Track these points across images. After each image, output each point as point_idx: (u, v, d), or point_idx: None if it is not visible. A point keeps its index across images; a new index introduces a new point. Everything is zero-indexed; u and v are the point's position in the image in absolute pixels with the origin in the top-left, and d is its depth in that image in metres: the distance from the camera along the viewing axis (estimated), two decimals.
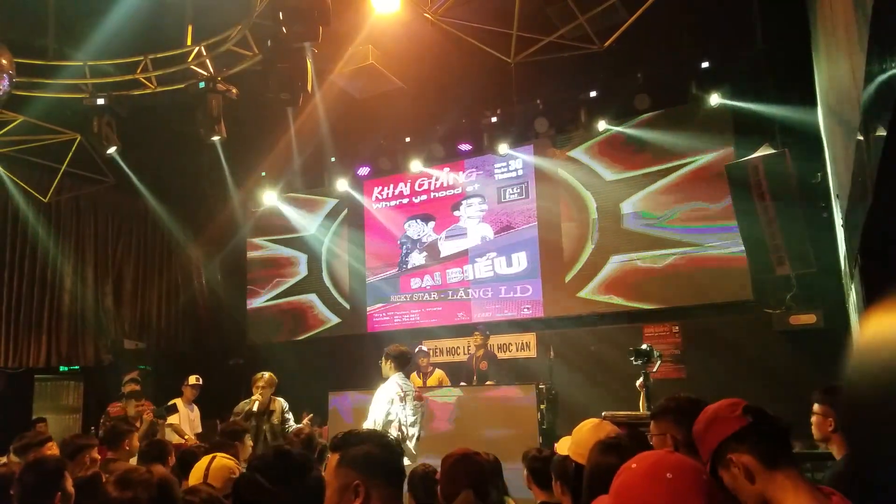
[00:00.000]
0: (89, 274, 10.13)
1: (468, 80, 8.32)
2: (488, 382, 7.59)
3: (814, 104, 5.98)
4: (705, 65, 7.68)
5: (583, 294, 8.66)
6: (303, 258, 10.96)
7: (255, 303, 11.28)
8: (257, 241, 11.34)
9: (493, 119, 8.65)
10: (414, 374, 8.12)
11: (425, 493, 3.39)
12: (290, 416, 6.14)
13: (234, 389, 10.51)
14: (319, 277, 10.77)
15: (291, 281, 10.99)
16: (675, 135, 8.10)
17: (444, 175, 9.91)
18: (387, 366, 5.37)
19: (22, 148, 8.43)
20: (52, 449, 4.38)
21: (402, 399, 5.21)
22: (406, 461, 4.58)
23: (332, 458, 1.69)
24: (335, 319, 10.52)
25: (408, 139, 9.51)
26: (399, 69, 8.47)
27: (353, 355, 9.64)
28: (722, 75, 7.65)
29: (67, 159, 8.84)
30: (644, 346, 5.28)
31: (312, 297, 10.77)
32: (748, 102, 7.42)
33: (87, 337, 10.00)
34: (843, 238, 4.49)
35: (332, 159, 9.95)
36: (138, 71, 7.00)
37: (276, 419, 5.97)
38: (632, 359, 5.24)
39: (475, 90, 8.52)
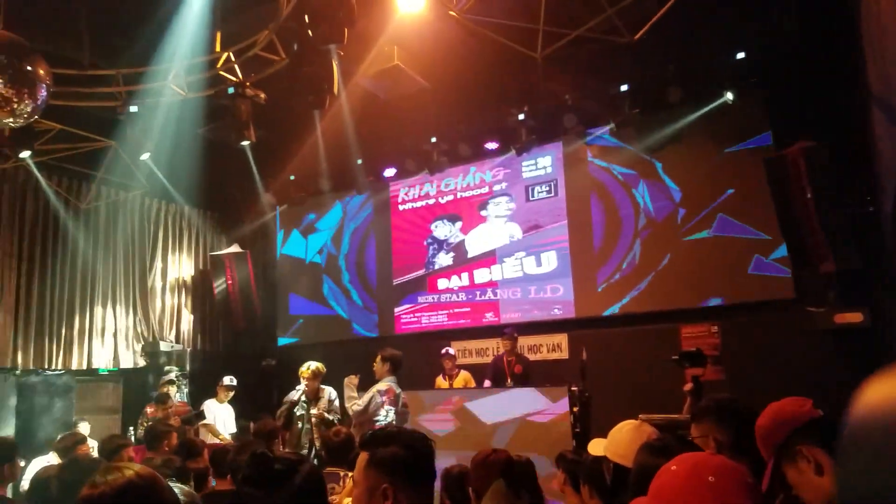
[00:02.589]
0: (126, 277, 10.33)
1: (494, 77, 8.24)
2: (508, 383, 7.49)
3: (857, 95, 5.76)
4: (741, 55, 7.45)
5: (616, 293, 8.50)
6: (330, 260, 11.01)
7: (284, 304, 11.37)
8: (286, 242, 11.43)
9: (520, 116, 8.53)
10: (440, 377, 8.10)
11: (460, 492, 3.40)
12: (335, 405, 6.20)
13: (267, 389, 10.67)
14: (347, 279, 10.80)
15: (320, 282, 11.05)
16: (709, 127, 7.90)
17: (471, 174, 9.85)
18: (383, 367, 5.43)
19: (60, 156, 8.61)
20: (88, 449, 4.48)
21: (393, 403, 5.26)
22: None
23: (362, 458, 1.67)
24: (363, 321, 10.54)
25: (433, 139, 9.47)
26: (424, 69, 8.42)
27: None
28: (758, 66, 7.41)
29: (103, 166, 9.02)
30: (693, 349, 5.13)
31: (341, 299, 10.82)
32: (786, 93, 7.19)
33: (125, 339, 10.20)
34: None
35: (359, 161, 9.96)
36: (169, 78, 7.09)
37: (321, 407, 6.06)
38: (679, 363, 5.08)
39: (501, 87, 8.43)
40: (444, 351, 8.15)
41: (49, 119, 7.49)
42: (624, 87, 8.01)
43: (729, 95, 7.60)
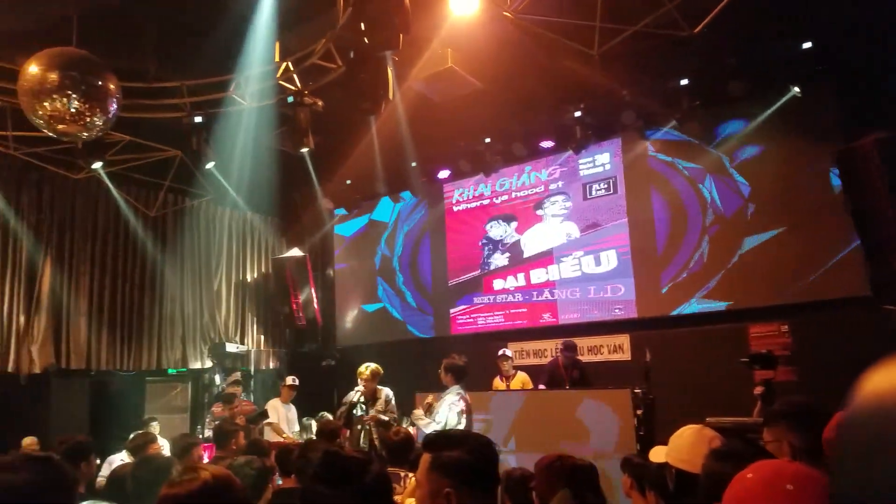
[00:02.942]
0: (192, 281, 10.71)
1: (549, 75, 8.14)
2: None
3: None
4: (807, 45, 7.14)
5: (682, 292, 8.28)
6: (384, 262, 11.12)
7: (342, 306, 11.55)
8: (343, 246, 11.61)
9: (577, 114, 8.42)
10: (497, 379, 8.06)
11: (522, 495, 3.37)
12: (392, 405, 6.26)
13: (327, 389, 10.89)
14: (401, 281, 10.89)
15: (375, 284, 11.17)
16: (776, 119, 7.61)
17: (526, 174, 9.78)
18: (447, 377, 5.39)
19: (129, 166, 8.98)
20: (159, 447, 4.65)
21: (467, 412, 5.23)
22: None
23: (425, 459, 1.66)
24: (418, 322, 10.61)
25: (487, 139, 9.44)
26: (478, 70, 8.39)
27: (438, 357, 9.55)
28: (826, 55, 7.09)
29: (170, 175, 9.37)
30: (764, 351, 4.96)
31: (395, 301, 10.91)
32: (856, 83, 6.85)
33: (192, 341, 10.56)
34: None
35: (413, 164, 10.02)
36: (231, 89, 7.30)
37: (378, 408, 6.13)
38: (749, 365, 4.91)
39: (557, 85, 8.33)
40: (500, 352, 8.12)
41: (118, 131, 7.82)
42: (684, 82, 7.80)
43: (796, 88, 7.30)
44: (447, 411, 5.20)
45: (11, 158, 8.42)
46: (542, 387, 7.66)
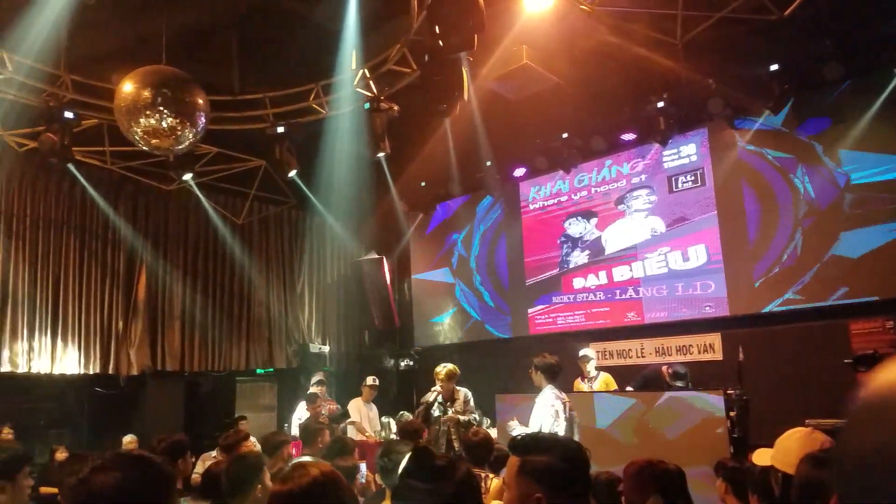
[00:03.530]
0: (277, 285, 11.05)
1: (629, 67, 7.89)
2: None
3: None
4: None
5: (776, 288, 7.84)
6: (461, 262, 11.11)
7: (420, 307, 11.63)
8: (419, 247, 11.68)
9: (660, 104, 8.10)
10: (578, 380, 7.87)
11: (609, 499, 3.33)
12: (471, 405, 6.23)
13: (407, 389, 11.01)
14: (478, 281, 10.84)
15: (453, 285, 11.18)
16: (873, 103, 7.08)
17: (606, 168, 9.52)
18: (537, 377, 5.24)
19: (217, 177, 9.35)
20: (250, 445, 4.79)
21: (563, 410, 5.06)
22: None
23: (513, 462, 1.63)
24: (496, 322, 10.53)
25: (565, 135, 9.24)
26: (554, 65, 8.23)
27: (517, 358, 9.49)
28: None
29: (255, 184, 9.69)
30: (870, 352, 4.63)
31: (473, 301, 10.88)
32: None
33: (278, 342, 10.90)
34: None
35: (488, 163, 9.95)
36: (311, 98, 7.47)
37: (456, 409, 6.11)
38: (853, 367, 4.60)
39: (637, 77, 8.06)
40: (581, 353, 7.92)
41: (206, 143, 8.14)
42: (774, 67, 7.38)
43: None
44: (542, 413, 5.07)
45: (109, 172, 8.92)
46: (629, 388, 7.43)
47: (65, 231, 8.88)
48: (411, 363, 11.27)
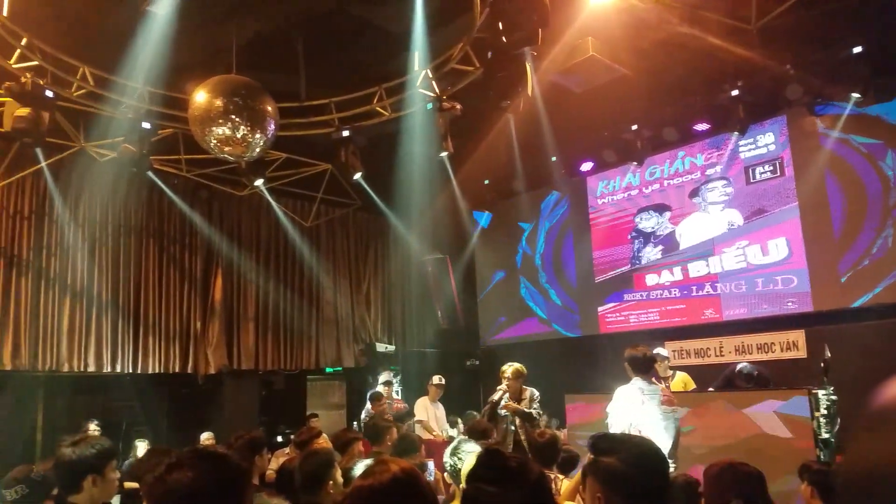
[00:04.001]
0: (345, 286, 11.23)
1: (700, 55, 7.57)
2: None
3: None
4: None
5: (865, 282, 7.39)
6: (526, 260, 10.96)
7: (485, 306, 11.55)
8: (483, 246, 11.60)
9: (734, 92, 7.76)
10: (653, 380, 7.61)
11: (688, 502, 3.23)
12: (537, 405, 6.13)
13: (472, 389, 10.97)
14: (544, 279, 10.67)
15: (517, 283, 11.04)
16: None
17: (679, 160, 9.19)
18: (627, 369, 5.12)
19: (286, 181, 9.56)
20: (324, 442, 4.86)
21: (641, 403, 4.85)
22: None
23: (589, 461, 1.65)
24: (564, 321, 10.34)
25: (634, 127, 8.97)
26: (621, 56, 7.99)
27: (587, 357, 9.38)
28: None
29: (322, 187, 9.85)
30: None
31: (539, 299, 10.71)
32: None
33: (346, 341, 11.08)
34: None
35: (553, 158, 9.76)
36: (374, 101, 7.52)
37: (524, 407, 6.02)
38: None
39: (710, 65, 7.73)
40: (654, 352, 7.65)
41: (275, 149, 8.32)
42: (857, 50, 6.92)
43: None
44: (613, 406, 4.91)
45: (185, 179, 9.26)
46: (710, 389, 7.14)
47: (144, 237, 9.28)
48: (476, 362, 11.23)
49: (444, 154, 7.07)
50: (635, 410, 4.80)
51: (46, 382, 8.44)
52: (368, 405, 8.57)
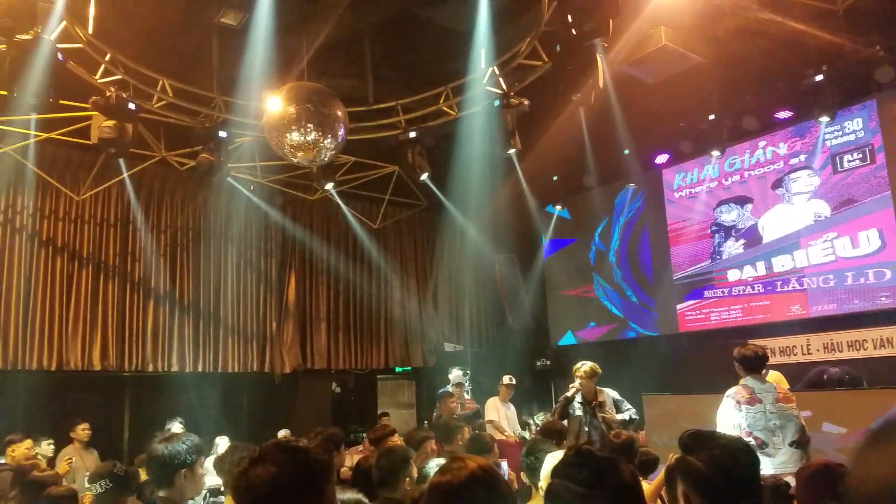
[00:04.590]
0: (413, 286, 11.31)
1: (781, 39, 7.20)
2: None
3: None
4: None
5: None
6: (599, 257, 10.71)
7: (556, 305, 11.35)
8: (553, 243, 11.40)
9: (818, 77, 7.34)
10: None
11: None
12: (628, 406, 5.96)
13: (543, 389, 10.80)
14: (619, 276, 10.39)
15: (591, 281, 10.80)
16: None
17: (760, 150, 8.78)
18: (739, 369, 4.92)
19: (355, 184, 9.70)
20: (397, 440, 4.89)
21: (749, 402, 4.61)
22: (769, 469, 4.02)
23: (676, 459, 1.64)
24: (641, 319, 10.05)
25: (711, 116, 8.63)
26: (696, 43, 7.70)
27: (665, 356, 9.08)
28: None
29: (389, 189, 9.93)
30: None
31: (614, 297, 10.45)
32: None
33: (415, 341, 11.14)
34: None
35: (626, 151, 9.49)
36: (441, 101, 7.51)
37: (608, 411, 5.84)
38: None
39: (791, 49, 7.35)
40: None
41: (344, 152, 8.42)
42: None
43: None
44: (732, 407, 4.68)
45: (259, 186, 9.52)
46: (800, 387, 6.79)
47: (223, 242, 9.63)
48: (547, 363, 11.05)
49: (512, 151, 6.98)
50: (748, 412, 4.59)
51: (133, 382, 8.85)
52: (438, 405, 8.57)
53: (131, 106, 6.65)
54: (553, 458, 2.50)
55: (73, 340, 8.26)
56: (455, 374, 9.97)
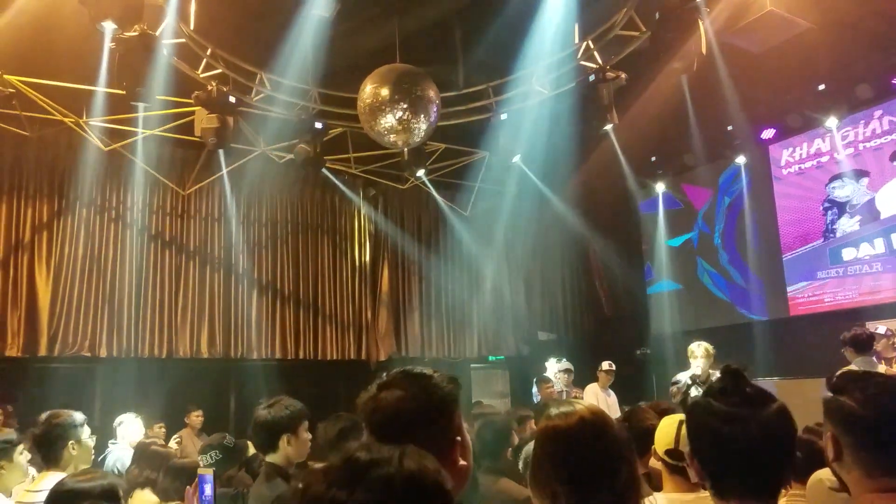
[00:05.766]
0: (504, 274, 11.21)
1: None
2: None
3: None
4: None
5: None
6: (703, 239, 10.19)
7: (655, 290, 10.92)
8: (653, 226, 10.97)
9: None
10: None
11: None
12: None
13: (642, 378, 10.39)
14: (725, 259, 9.87)
15: (693, 265, 10.31)
16: None
17: (875, 120, 8.11)
18: (847, 353, 4.66)
19: (445, 172, 9.71)
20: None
21: None
22: None
23: (824, 400, 1.53)
24: (748, 303, 9.50)
25: (821, 86, 8.05)
26: (803, 8, 7.20)
27: (776, 341, 8.58)
28: None
29: (480, 175, 9.85)
30: None
31: (719, 281, 9.93)
32: None
33: (507, 330, 11.03)
34: None
35: (729, 128, 9.00)
36: (532, 81, 7.35)
37: None
38: None
39: None
40: (874, 328, 6.73)
41: (433, 140, 8.41)
42: None
43: None
44: None
45: (353, 177, 9.69)
46: None
47: (319, 233, 9.93)
48: (647, 351, 10.64)
49: (608, 127, 6.73)
50: None
51: (237, 369, 9.21)
52: (535, 389, 8.44)
53: (231, 99, 6.89)
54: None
55: (181, 329, 8.71)
56: (552, 364, 9.75)
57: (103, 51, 6.10)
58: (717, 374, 4.75)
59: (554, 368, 8.97)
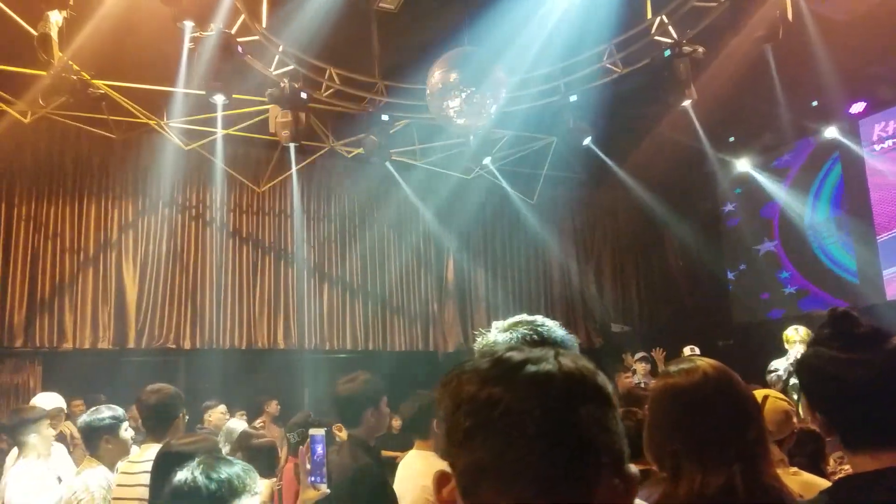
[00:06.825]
0: (573, 263, 11.01)
1: None
2: None
3: None
4: None
5: None
6: (791, 222, 9.67)
7: (740, 279, 10.45)
8: (733, 208, 10.48)
9: None
10: None
11: None
12: None
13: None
14: (814, 242, 9.33)
15: (778, 250, 9.81)
16: None
17: None
18: None
19: (511, 160, 9.60)
20: None
21: None
22: None
23: None
24: (838, 289, 9.00)
25: None
26: None
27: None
28: None
29: (546, 162, 9.66)
30: None
31: (809, 268, 9.40)
32: None
33: (578, 321, 10.79)
34: None
35: (814, 103, 8.50)
36: (604, 59, 7.15)
37: None
38: None
39: None
40: None
41: (499, 127, 8.30)
42: None
43: None
44: None
45: (418, 169, 9.70)
46: None
47: (386, 227, 10.02)
48: (731, 342, 10.19)
49: (686, 102, 6.45)
50: None
51: (311, 360, 9.38)
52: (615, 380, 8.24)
53: (303, 95, 7.00)
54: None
55: (259, 321, 8.96)
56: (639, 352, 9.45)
57: (182, 52, 6.31)
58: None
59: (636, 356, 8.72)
